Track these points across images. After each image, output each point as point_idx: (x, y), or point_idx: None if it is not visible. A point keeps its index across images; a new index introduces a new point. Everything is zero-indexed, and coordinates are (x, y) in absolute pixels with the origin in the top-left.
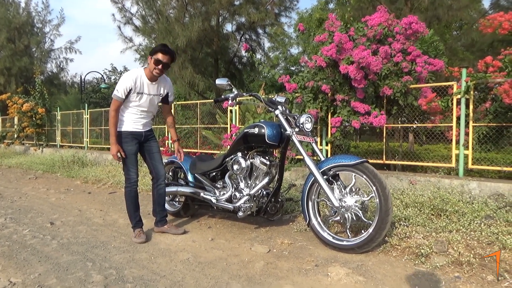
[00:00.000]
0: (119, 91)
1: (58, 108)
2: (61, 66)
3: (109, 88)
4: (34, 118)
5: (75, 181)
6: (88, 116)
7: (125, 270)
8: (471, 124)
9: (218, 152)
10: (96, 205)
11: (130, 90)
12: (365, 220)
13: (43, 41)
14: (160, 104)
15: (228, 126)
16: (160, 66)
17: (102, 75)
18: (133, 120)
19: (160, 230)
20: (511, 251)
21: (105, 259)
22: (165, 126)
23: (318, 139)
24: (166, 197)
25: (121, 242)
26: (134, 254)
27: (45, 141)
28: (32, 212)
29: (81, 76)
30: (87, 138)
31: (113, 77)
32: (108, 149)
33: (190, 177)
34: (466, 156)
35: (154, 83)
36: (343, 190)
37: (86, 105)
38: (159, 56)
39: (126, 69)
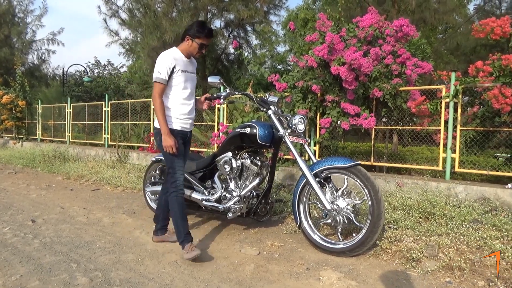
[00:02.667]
0: (161, 72)
1: (40, 101)
2: (43, 58)
3: (92, 81)
4: (14, 111)
5: (57, 177)
6: (71, 110)
7: (111, 272)
8: (458, 127)
9: (205, 150)
10: (79, 203)
11: (173, 68)
12: (356, 223)
13: (25, 32)
14: None
15: (216, 124)
16: (203, 50)
17: (85, 68)
18: (181, 115)
19: (159, 239)
20: (500, 257)
21: (90, 260)
22: (150, 122)
23: (309, 139)
24: (152, 196)
25: (106, 242)
26: (120, 255)
27: (25, 135)
28: (12, 209)
29: (63, 68)
30: (69, 133)
31: (96, 71)
32: (91, 144)
33: None
34: (453, 159)
35: (189, 60)
36: (335, 192)
37: (68, 98)
38: (205, 41)
39: (110, 63)
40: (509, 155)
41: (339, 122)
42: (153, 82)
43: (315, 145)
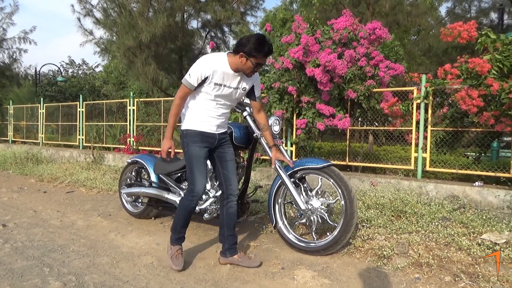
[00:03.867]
0: (191, 76)
1: (11, 101)
2: (14, 57)
3: (66, 81)
4: None
5: (29, 179)
6: (44, 110)
7: (85, 276)
8: (429, 128)
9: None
10: (53, 205)
11: (206, 78)
12: (330, 222)
13: None
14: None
15: None
16: (257, 69)
17: (59, 68)
18: (206, 118)
19: (228, 261)
20: (467, 252)
21: (63, 264)
22: (126, 122)
23: (284, 140)
24: (128, 198)
25: (80, 246)
26: (94, 258)
27: None
28: None
29: (35, 68)
30: (42, 134)
31: (70, 70)
32: (65, 145)
33: (154, 178)
34: (424, 159)
35: (237, 74)
36: (309, 192)
37: (41, 99)
38: (262, 60)
39: (85, 62)
40: (477, 154)
41: (314, 122)
42: (181, 82)
43: (291, 146)
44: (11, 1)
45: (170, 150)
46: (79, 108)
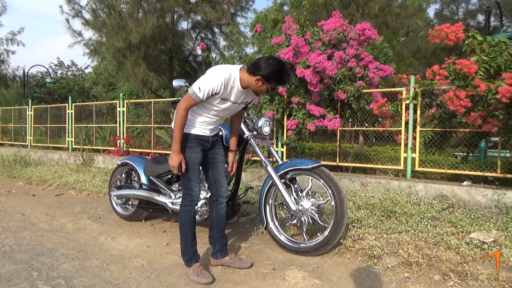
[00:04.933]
0: (201, 91)
1: None
2: (2, 58)
3: (55, 82)
4: None
5: (18, 182)
6: (32, 112)
7: (74, 280)
8: (418, 128)
9: None
10: (42, 209)
11: (216, 93)
12: (321, 223)
13: None
14: None
15: None
16: (271, 92)
17: (48, 69)
18: (201, 122)
19: (219, 263)
20: (455, 251)
21: (52, 268)
22: (116, 124)
23: (274, 141)
24: (118, 201)
25: (69, 249)
26: (84, 261)
27: None
28: None
29: (24, 69)
30: (30, 136)
31: (59, 71)
32: (54, 148)
33: (144, 180)
34: (413, 159)
35: (244, 90)
36: (300, 193)
37: (30, 100)
38: (277, 86)
39: (74, 64)
40: (465, 154)
41: (305, 123)
42: (188, 92)
43: (282, 147)
44: None
45: (177, 166)
46: (68, 109)
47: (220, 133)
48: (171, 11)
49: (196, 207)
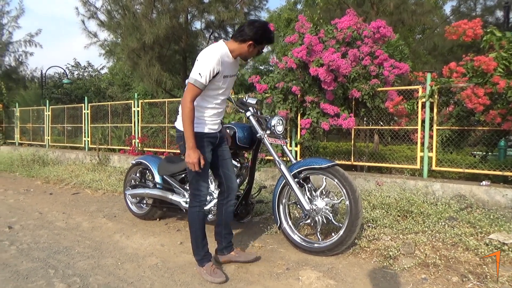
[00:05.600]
0: (202, 75)
1: (17, 104)
2: (20, 60)
3: (72, 83)
4: None
5: (36, 181)
6: (50, 112)
7: (90, 278)
8: (435, 127)
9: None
10: (58, 207)
11: (217, 73)
12: (335, 223)
13: (1, 33)
14: None
15: None
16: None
17: (65, 70)
18: (209, 116)
19: (226, 259)
20: (474, 253)
21: (68, 266)
22: (131, 124)
23: (288, 140)
24: (133, 200)
25: (85, 247)
26: (99, 260)
27: (2, 139)
28: None
29: (41, 70)
30: (48, 136)
31: (76, 72)
32: (71, 147)
33: (158, 179)
34: (430, 158)
35: (235, 60)
36: (313, 193)
37: (47, 101)
38: (263, 47)
39: (90, 64)
40: (484, 153)
41: (319, 122)
42: (188, 82)
43: (296, 146)
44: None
45: (197, 162)
46: (84, 110)
47: (233, 133)
48: (185, 11)
49: (205, 207)
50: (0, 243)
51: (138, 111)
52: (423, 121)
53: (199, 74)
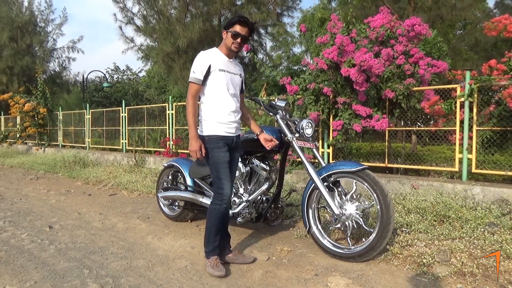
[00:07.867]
0: (195, 71)
1: (60, 107)
2: (64, 65)
3: (111, 86)
4: (36, 118)
5: (76, 182)
6: (90, 116)
7: (121, 279)
8: (474, 127)
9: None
10: (96, 208)
11: (209, 67)
12: (366, 228)
13: (46, 40)
14: None
15: None
16: (239, 40)
17: (105, 74)
18: (225, 119)
19: (225, 261)
20: None
21: (102, 266)
22: (166, 126)
23: (320, 142)
24: (165, 202)
25: (119, 248)
26: (131, 261)
27: (47, 141)
28: (31, 215)
29: (83, 75)
30: (88, 138)
31: (115, 76)
32: (110, 149)
33: (189, 182)
34: (469, 160)
35: (231, 60)
36: (343, 197)
37: (88, 105)
38: (237, 28)
39: (129, 68)
40: None
41: (351, 124)
42: (188, 82)
43: (328, 148)
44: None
45: (199, 149)
46: (122, 113)
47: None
48: (218, 14)
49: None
50: (40, 242)
51: (172, 113)
52: (462, 122)
53: (193, 71)
